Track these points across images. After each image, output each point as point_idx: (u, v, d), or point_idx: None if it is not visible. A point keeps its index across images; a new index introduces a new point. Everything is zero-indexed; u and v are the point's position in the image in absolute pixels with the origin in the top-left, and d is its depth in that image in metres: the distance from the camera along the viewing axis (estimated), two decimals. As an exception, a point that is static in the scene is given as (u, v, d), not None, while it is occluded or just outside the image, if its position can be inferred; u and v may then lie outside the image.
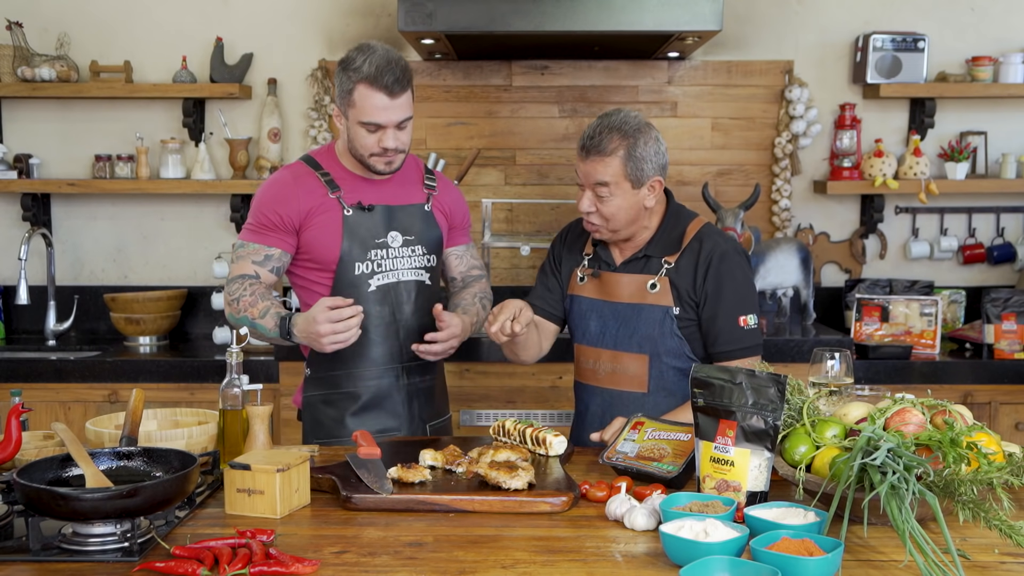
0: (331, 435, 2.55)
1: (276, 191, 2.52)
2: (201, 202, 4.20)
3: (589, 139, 2.37)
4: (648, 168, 2.37)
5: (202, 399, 3.55)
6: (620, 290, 2.47)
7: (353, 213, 2.51)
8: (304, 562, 1.59)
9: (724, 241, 2.45)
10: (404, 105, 2.45)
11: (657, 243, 2.45)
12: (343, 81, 2.45)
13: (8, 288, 4.15)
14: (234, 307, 2.46)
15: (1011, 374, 3.62)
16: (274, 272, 2.51)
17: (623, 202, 2.38)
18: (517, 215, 4.19)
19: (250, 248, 2.50)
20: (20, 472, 1.73)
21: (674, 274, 2.42)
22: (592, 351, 2.51)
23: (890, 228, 4.22)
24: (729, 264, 2.40)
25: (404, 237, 2.56)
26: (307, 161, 2.58)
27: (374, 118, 2.42)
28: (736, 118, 4.15)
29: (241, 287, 2.47)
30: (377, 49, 2.42)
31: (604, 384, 2.50)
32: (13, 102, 4.15)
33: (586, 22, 3.41)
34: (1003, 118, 4.17)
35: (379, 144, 2.45)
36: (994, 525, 1.62)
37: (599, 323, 2.49)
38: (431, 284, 2.61)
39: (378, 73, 2.39)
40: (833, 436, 1.86)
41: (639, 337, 2.43)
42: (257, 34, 4.12)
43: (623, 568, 1.62)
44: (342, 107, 2.47)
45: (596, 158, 2.36)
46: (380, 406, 2.56)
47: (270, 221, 2.49)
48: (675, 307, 2.41)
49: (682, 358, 2.43)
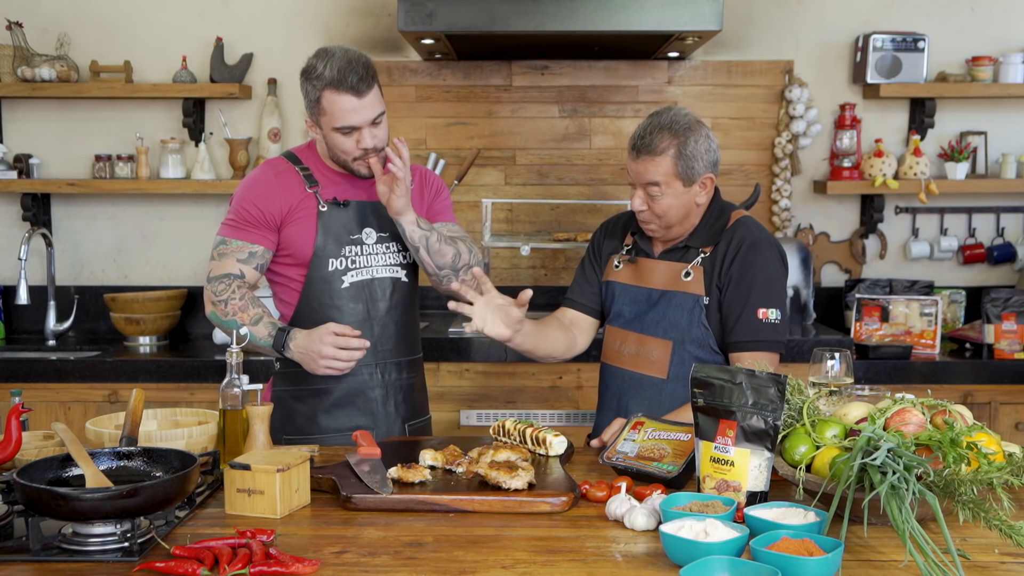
0: (303, 432, 2.53)
1: (258, 187, 2.50)
2: (201, 202, 4.20)
3: (639, 139, 2.37)
4: (699, 166, 2.37)
5: (202, 399, 3.55)
6: (655, 276, 2.47)
7: (328, 209, 2.50)
8: (304, 562, 1.59)
9: (758, 231, 2.43)
10: (374, 102, 2.42)
11: (698, 235, 2.45)
12: (309, 91, 2.43)
13: (8, 288, 4.15)
14: (220, 308, 2.45)
15: (1011, 374, 3.62)
16: (258, 269, 2.50)
17: (675, 200, 2.38)
18: (517, 215, 4.19)
19: (233, 245, 2.49)
20: (20, 472, 1.73)
21: (708, 263, 2.41)
22: (621, 332, 2.52)
23: (890, 228, 4.22)
24: (757, 254, 2.38)
25: (379, 234, 2.55)
26: (288, 157, 2.57)
27: (347, 121, 2.40)
28: (736, 118, 4.15)
29: (228, 288, 2.45)
30: (336, 52, 2.41)
31: (626, 366, 2.50)
32: (13, 102, 4.15)
33: (586, 22, 3.41)
34: (1003, 118, 4.17)
35: (358, 146, 2.43)
36: (994, 525, 1.62)
37: (632, 307, 2.49)
38: (408, 281, 2.60)
39: (341, 76, 2.37)
40: (833, 436, 1.86)
41: (666, 323, 2.43)
42: (257, 34, 4.12)
43: (623, 568, 1.62)
44: (313, 117, 2.46)
45: (647, 158, 2.35)
46: (353, 403, 2.55)
47: (252, 217, 2.48)
48: (706, 297, 2.39)
49: (706, 348, 2.41)
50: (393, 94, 4.13)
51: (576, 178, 4.17)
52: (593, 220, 4.14)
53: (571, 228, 4.15)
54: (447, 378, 3.60)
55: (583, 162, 4.17)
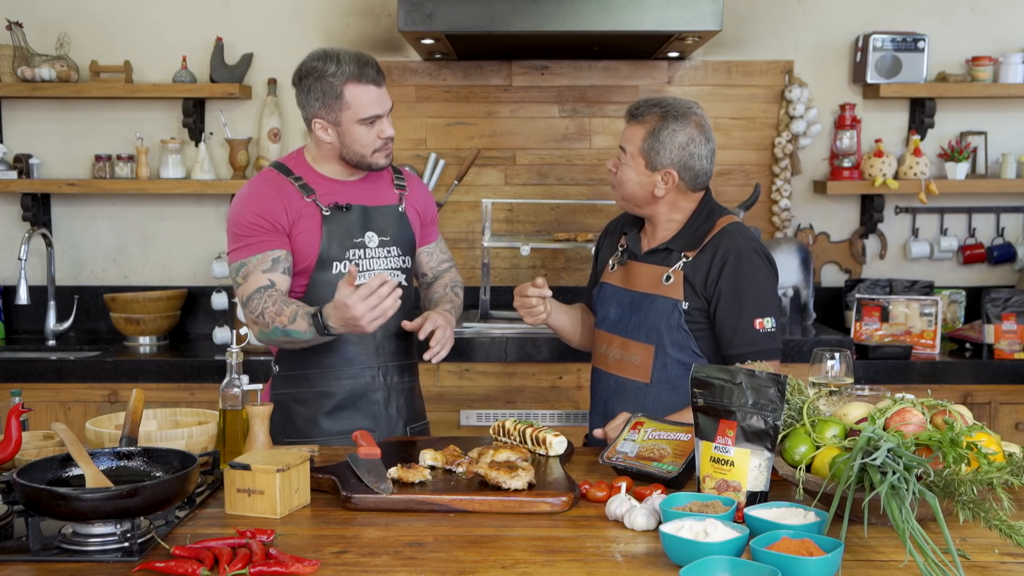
0: (304, 435, 2.52)
1: (259, 200, 2.47)
2: (201, 202, 4.20)
3: (636, 106, 2.44)
4: (665, 155, 2.38)
5: (202, 399, 3.55)
6: (640, 279, 2.48)
7: (331, 212, 2.50)
8: (304, 562, 1.59)
9: (745, 240, 2.41)
10: (387, 93, 2.52)
11: (681, 238, 2.45)
12: (326, 89, 2.43)
13: (8, 288, 4.15)
14: (261, 323, 2.39)
15: (1011, 374, 3.62)
16: (286, 273, 2.46)
17: (634, 176, 2.42)
18: (517, 215, 4.19)
19: (253, 261, 2.43)
20: (20, 472, 1.73)
21: (690, 269, 2.41)
22: (607, 336, 2.53)
23: (890, 228, 4.22)
24: (747, 264, 2.37)
25: (380, 238, 2.56)
26: (278, 168, 2.55)
27: (373, 111, 2.45)
28: (736, 118, 4.15)
29: (260, 300, 2.40)
30: (342, 51, 2.46)
31: (612, 370, 2.51)
32: (13, 102, 4.15)
33: (586, 22, 3.41)
34: (1003, 118, 4.17)
35: (380, 135, 2.48)
36: (994, 525, 1.62)
37: (617, 310, 2.51)
38: (406, 285, 2.61)
39: (361, 69, 2.43)
40: (833, 436, 1.86)
41: (647, 327, 2.44)
42: (257, 34, 4.12)
43: (623, 568, 1.62)
44: (331, 116, 2.45)
45: (632, 122, 2.44)
46: (355, 406, 2.54)
47: (260, 228, 2.44)
48: (684, 302, 2.40)
49: (687, 352, 2.42)
50: (393, 94, 4.07)
51: (576, 178, 4.17)
52: (593, 220, 4.14)
53: (571, 228, 4.15)
54: (447, 378, 3.60)
55: (583, 162, 4.17)
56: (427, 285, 2.79)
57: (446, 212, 4.14)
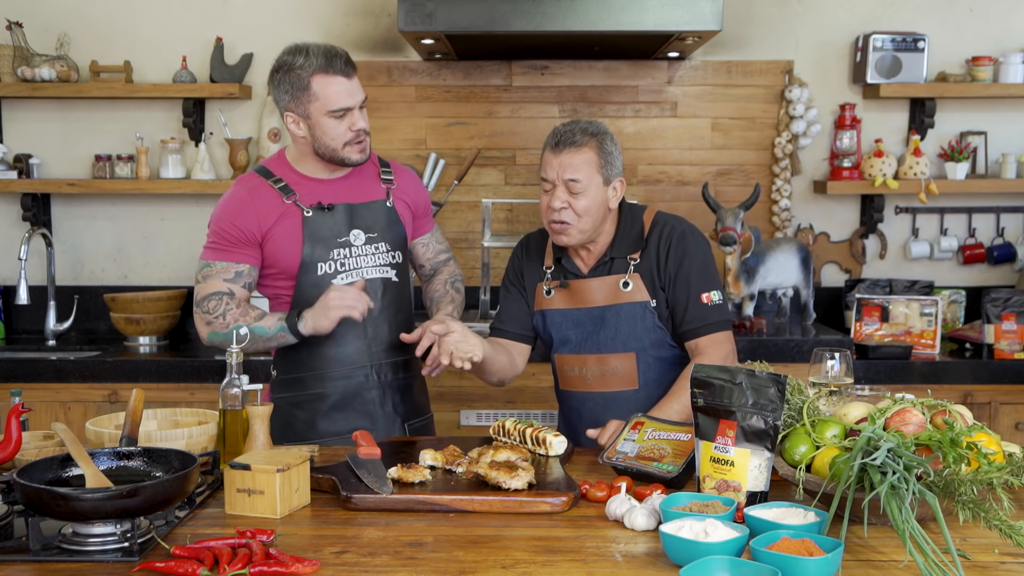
0: (303, 438, 2.52)
1: (233, 206, 2.49)
2: (201, 202, 4.20)
3: (560, 136, 2.42)
4: (616, 167, 2.44)
5: (202, 399, 3.55)
6: (592, 295, 2.49)
7: (313, 214, 2.49)
8: (304, 562, 1.59)
9: (678, 223, 2.50)
10: (359, 86, 2.49)
11: (619, 244, 2.49)
12: (294, 82, 2.44)
13: (8, 288, 4.15)
14: (219, 323, 2.44)
15: (1011, 374, 3.62)
16: (246, 288, 2.49)
17: (596, 198, 2.40)
18: (517, 215, 4.19)
19: (218, 267, 2.48)
20: (20, 472, 1.73)
21: (643, 268, 2.46)
22: (576, 358, 2.52)
23: (890, 228, 4.22)
24: (686, 243, 2.45)
25: (367, 235, 2.55)
26: (259, 171, 2.55)
27: (341, 103, 2.43)
28: (736, 118, 4.15)
29: (220, 304, 2.45)
30: (310, 44, 2.47)
31: (594, 388, 2.51)
32: (13, 102, 4.15)
33: (586, 22, 3.42)
34: (1003, 118, 4.17)
35: (350, 128, 2.46)
36: (994, 525, 1.62)
37: (578, 331, 2.51)
38: (398, 281, 2.60)
39: (328, 61, 2.43)
40: (833, 436, 1.86)
41: (623, 336, 2.46)
42: (257, 34, 4.12)
43: (623, 568, 1.62)
44: (300, 108, 2.45)
45: (571, 150, 2.39)
46: (351, 406, 2.55)
47: (232, 237, 2.47)
48: (652, 300, 2.45)
49: (665, 347, 2.47)
50: (393, 94, 4.13)
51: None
52: (593, 220, 4.14)
53: (571, 228, 4.15)
54: (447, 378, 3.60)
55: (583, 162, 4.17)
56: (427, 279, 2.77)
57: (446, 212, 4.14)
